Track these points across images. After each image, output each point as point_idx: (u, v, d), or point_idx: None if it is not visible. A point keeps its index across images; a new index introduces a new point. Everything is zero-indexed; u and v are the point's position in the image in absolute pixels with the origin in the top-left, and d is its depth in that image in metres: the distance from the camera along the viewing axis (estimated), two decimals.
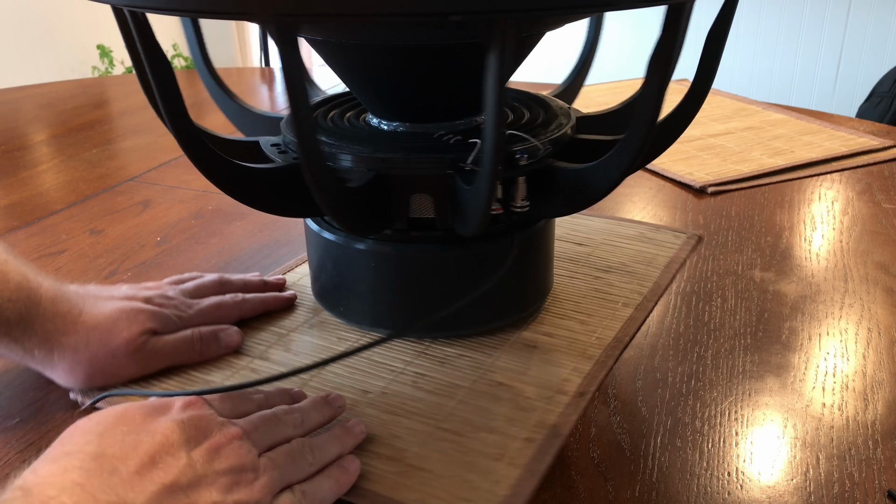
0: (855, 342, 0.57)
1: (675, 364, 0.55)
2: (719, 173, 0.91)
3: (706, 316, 0.61)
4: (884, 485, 0.43)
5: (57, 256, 0.74)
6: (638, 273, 0.65)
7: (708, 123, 1.12)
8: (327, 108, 0.58)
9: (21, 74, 2.51)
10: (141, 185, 0.93)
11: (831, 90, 2.51)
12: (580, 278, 0.64)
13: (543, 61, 1.42)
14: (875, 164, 0.94)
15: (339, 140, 0.50)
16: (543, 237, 0.56)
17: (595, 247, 0.70)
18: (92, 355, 0.50)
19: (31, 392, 0.53)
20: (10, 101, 1.37)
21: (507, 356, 0.54)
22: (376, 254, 0.52)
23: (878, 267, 0.69)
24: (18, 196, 0.90)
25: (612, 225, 0.75)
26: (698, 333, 0.59)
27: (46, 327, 0.50)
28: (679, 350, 0.57)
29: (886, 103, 1.85)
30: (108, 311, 0.52)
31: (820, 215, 0.80)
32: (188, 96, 0.44)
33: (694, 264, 0.69)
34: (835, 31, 2.45)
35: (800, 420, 0.49)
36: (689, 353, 0.57)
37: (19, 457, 0.47)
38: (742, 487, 0.44)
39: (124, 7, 0.39)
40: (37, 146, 1.11)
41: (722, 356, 0.56)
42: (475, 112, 0.54)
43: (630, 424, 0.49)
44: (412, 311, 0.55)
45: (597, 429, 0.48)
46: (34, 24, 2.62)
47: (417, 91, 0.51)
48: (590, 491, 0.43)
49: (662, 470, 0.45)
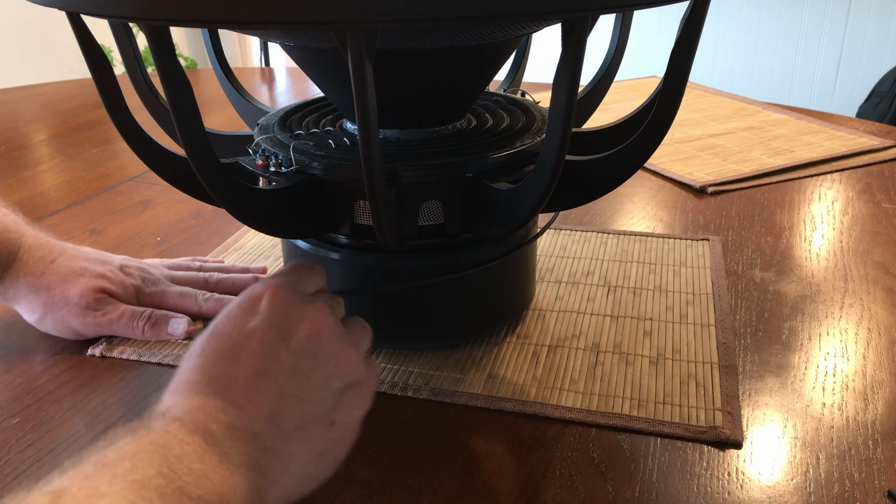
0: (855, 342, 0.57)
1: None
2: (719, 173, 0.91)
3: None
4: (884, 485, 0.43)
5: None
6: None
7: (708, 123, 1.12)
8: (301, 114, 0.58)
9: (21, 74, 2.51)
10: (141, 185, 0.93)
11: (831, 90, 2.52)
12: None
13: (543, 61, 1.42)
14: (875, 164, 0.94)
15: (335, 150, 0.50)
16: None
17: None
18: (48, 298, 0.56)
19: (31, 392, 0.53)
20: (10, 101, 1.37)
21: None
22: (352, 263, 0.52)
23: (878, 267, 0.69)
24: (18, 196, 0.90)
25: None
26: None
27: (18, 268, 0.56)
28: None
29: (886, 103, 1.85)
30: (77, 265, 0.57)
31: (820, 215, 0.80)
32: None
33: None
34: (835, 31, 2.45)
35: (800, 420, 0.49)
36: None
37: (19, 457, 0.47)
38: (742, 487, 0.44)
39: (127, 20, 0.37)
40: (37, 146, 1.11)
41: None
42: (455, 118, 0.53)
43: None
44: (389, 323, 0.54)
45: (597, 429, 0.48)
46: (34, 24, 2.62)
47: (407, 97, 0.50)
48: (590, 491, 0.43)
49: (662, 470, 0.45)
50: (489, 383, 0.53)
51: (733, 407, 0.50)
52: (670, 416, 0.49)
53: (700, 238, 0.74)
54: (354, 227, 0.49)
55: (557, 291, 0.65)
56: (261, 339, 0.37)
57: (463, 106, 0.54)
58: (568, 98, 0.37)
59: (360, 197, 0.48)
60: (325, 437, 0.38)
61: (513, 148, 0.49)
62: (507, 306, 0.58)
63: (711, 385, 0.52)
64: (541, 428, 0.48)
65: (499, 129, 0.54)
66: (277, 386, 0.36)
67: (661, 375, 0.53)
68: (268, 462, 0.34)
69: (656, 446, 0.47)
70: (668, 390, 0.52)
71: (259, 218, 0.45)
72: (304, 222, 0.48)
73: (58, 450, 0.47)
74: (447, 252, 0.51)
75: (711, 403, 0.50)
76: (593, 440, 0.47)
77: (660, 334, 0.59)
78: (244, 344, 0.37)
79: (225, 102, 0.75)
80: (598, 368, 0.54)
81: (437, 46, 0.44)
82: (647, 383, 0.52)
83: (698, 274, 0.68)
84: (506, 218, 0.46)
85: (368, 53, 0.33)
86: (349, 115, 0.54)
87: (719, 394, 0.51)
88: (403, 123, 0.52)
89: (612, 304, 0.63)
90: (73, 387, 0.53)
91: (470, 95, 0.53)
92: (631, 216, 0.81)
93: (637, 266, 0.69)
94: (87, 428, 0.49)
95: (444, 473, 0.45)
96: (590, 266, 0.69)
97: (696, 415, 0.49)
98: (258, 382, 0.36)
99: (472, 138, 0.51)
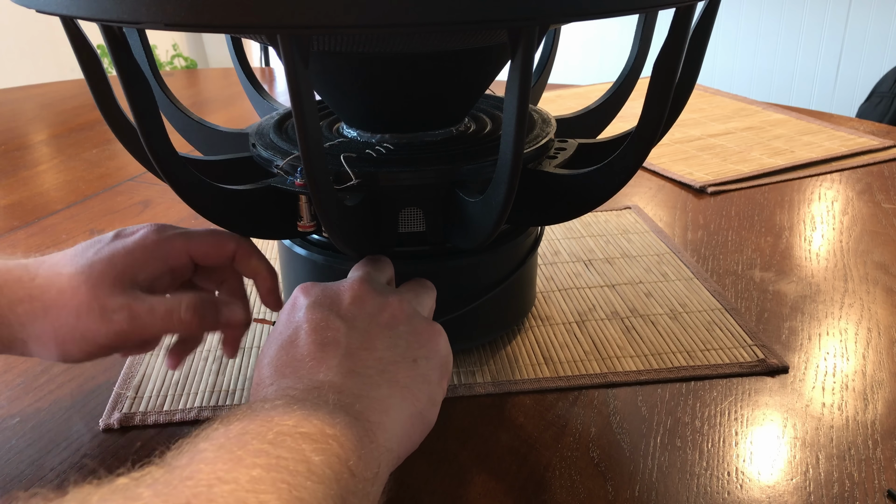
0: (855, 342, 0.57)
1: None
2: (719, 173, 0.91)
3: None
4: (883, 485, 0.43)
5: None
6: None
7: (708, 123, 1.12)
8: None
9: (21, 74, 2.52)
10: (141, 185, 0.93)
11: (831, 90, 2.51)
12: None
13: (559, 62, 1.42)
14: (875, 164, 0.94)
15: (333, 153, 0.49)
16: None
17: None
18: (56, 320, 0.41)
19: (31, 392, 0.53)
20: (10, 101, 1.37)
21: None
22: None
23: (878, 267, 0.69)
24: (18, 196, 0.90)
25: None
26: None
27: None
28: None
29: (886, 103, 1.85)
30: (70, 262, 0.43)
31: (820, 215, 0.80)
32: (188, 96, 0.44)
33: (694, 264, 0.69)
34: (835, 31, 2.45)
35: (799, 420, 0.49)
36: None
37: (19, 457, 0.47)
38: (742, 487, 0.44)
39: (114, 24, 0.38)
40: (37, 146, 1.11)
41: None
42: (452, 123, 0.53)
43: (630, 424, 0.49)
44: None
45: (597, 429, 0.48)
46: (34, 24, 2.62)
47: (406, 101, 0.50)
48: (590, 491, 0.43)
49: (662, 470, 0.45)
50: (497, 374, 0.53)
51: (762, 340, 0.57)
52: (719, 359, 0.55)
53: (622, 207, 0.82)
54: (399, 236, 0.49)
55: (542, 273, 0.68)
56: (310, 318, 0.39)
57: (453, 112, 0.53)
58: (519, 111, 0.36)
59: (406, 205, 0.48)
60: (412, 374, 0.38)
61: (485, 159, 0.48)
62: (517, 310, 0.58)
63: (732, 326, 0.59)
64: (541, 427, 0.49)
65: (493, 136, 0.53)
66: (342, 347, 0.37)
67: (687, 327, 0.59)
68: (363, 407, 0.34)
69: (656, 446, 0.47)
70: (702, 338, 0.57)
71: (338, 238, 0.44)
72: (366, 236, 0.48)
73: (57, 449, 0.47)
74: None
75: (744, 341, 0.57)
76: (593, 440, 0.47)
77: (658, 294, 0.64)
78: (298, 330, 0.38)
79: (225, 102, 0.75)
80: (633, 332, 0.59)
81: (412, 52, 0.44)
82: (680, 336, 0.58)
83: (646, 238, 0.74)
84: (472, 230, 0.46)
85: (303, 56, 0.34)
86: (346, 120, 0.54)
87: (744, 333, 0.58)
88: (391, 128, 0.51)
89: (599, 276, 0.67)
90: (72, 387, 0.53)
91: (458, 102, 0.52)
92: (631, 216, 0.81)
93: (592, 240, 0.75)
94: (87, 428, 0.49)
95: (444, 473, 0.45)
96: (552, 246, 0.74)
97: (739, 354, 0.55)
98: (322, 352, 0.37)
99: (458, 145, 0.51)
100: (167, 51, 3.22)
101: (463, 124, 0.54)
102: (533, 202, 0.48)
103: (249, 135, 0.54)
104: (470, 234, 0.46)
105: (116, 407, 0.51)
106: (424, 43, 0.41)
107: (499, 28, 0.38)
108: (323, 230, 0.47)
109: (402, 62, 0.45)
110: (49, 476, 0.45)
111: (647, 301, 0.63)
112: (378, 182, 0.46)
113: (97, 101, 0.44)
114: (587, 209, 0.48)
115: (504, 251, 0.53)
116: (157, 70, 0.56)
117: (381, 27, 0.31)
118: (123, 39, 0.39)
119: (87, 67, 0.42)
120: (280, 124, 0.56)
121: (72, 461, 0.46)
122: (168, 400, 0.52)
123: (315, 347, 0.37)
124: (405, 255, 0.50)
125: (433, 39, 0.41)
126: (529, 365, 0.55)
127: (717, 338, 0.57)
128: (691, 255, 0.71)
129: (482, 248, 0.50)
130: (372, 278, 0.43)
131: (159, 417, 0.50)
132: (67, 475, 0.45)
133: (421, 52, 0.44)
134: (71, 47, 0.41)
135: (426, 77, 0.47)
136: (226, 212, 0.46)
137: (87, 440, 0.48)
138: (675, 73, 0.41)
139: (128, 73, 0.39)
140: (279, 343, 0.38)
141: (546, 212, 0.49)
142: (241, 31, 0.41)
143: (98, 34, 0.39)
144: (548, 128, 0.53)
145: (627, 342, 0.57)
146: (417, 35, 0.40)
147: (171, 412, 0.50)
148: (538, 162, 0.50)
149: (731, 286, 0.65)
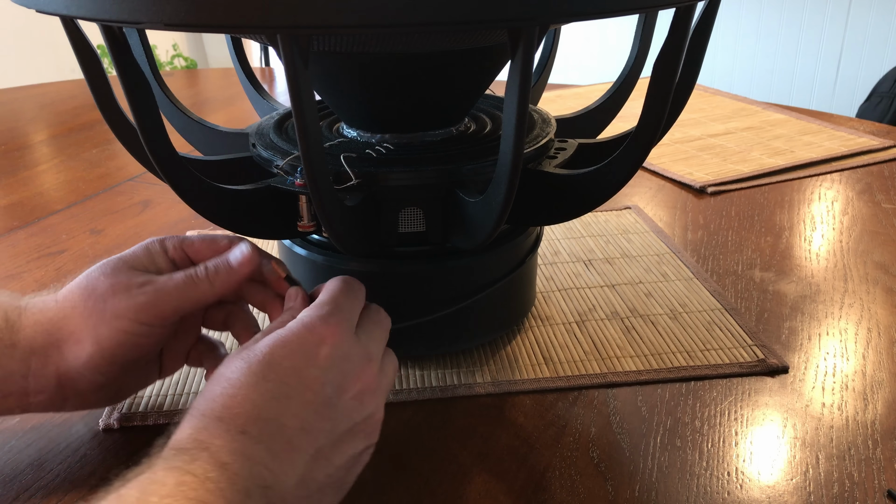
0: (855, 342, 0.57)
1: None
2: (719, 173, 0.91)
3: None
4: (883, 485, 0.43)
5: (57, 256, 0.74)
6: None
7: (708, 123, 1.12)
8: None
9: (21, 74, 2.52)
10: (141, 185, 0.93)
11: (831, 90, 2.51)
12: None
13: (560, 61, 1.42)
14: (875, 164, 0.94)
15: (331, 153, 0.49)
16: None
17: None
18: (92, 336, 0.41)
19: None
20: (10, 101, 1.37)
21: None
22: (366, 273, 0.51)
23: (878, 267, 0.69)
24: (18, 196, 0.90)
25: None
26: None
27: (30, 341, 0.41)
28: None
29: (886, 103, 1.85)
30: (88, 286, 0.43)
31: (820, 215, 0.80)
32: (188, 96, 0.44)
33: (694, 264, 0.69)
34: (835, 31, 2.45)
35: (799, 420, 0.49)
36: None
37: (19, 457, 0.47)
38: (742, 487, 0.44)
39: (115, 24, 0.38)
40: (37, 146, 1.11)
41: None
42: (452, 123, 0.53)
43: (630, 424, 0.49)
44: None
45: (597, 429, 0.48)
46: (34, 24, 2.62)
47: (406, 101, 0.50)
48: (590, 491, 0.43)
49: (662, 470, 0.45)
50: (497, 374, 0.53)
51: (762, 340, 0.57)
52: (719, 359, 0.55)
53: (622, 207, 0.82)
54: (399, 235, 0.49)
55: (541, 273, 0.68)
56: (317, 392, 0.37)
57: (453, 112, 0.53)
58: (519, 111, 0.36)
59: (406, 205, 0.47)
60: (333, 499, 0.38)
61: (485, 159, 0.48)
62: (517, 310, 0.58)
63: (732, 326, 0.59)
64: (541, 427, 0.49)
65: (493, 136, 0.53)
66: (315, 446, 0.36)
67: (687, 327, 0.59)
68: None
69: (656, 446, 0.47)
70: (702, 338, 0.57)
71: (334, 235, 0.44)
72: (367, 236, 0.47)
73: (57, 449, 0.47)
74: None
75: (744, 341, 0.57)
76: (593, 440, 0.47)
77: (658, 294, 0.64)
78: (301, 393, 0.36)
79: (225, 102, 0.75)
80: (633, 333, 0.58)
81: (412, 52, 0.43)
82: (680, 336, 0.58)
83: (646, 238, 0.74)
84: (472, 230, 0.46)
85: (302, 56, 0.34)
86: (346, 120, 0.54)
87: (744, 333, 0.58)
88: (391, 128, 0.51)
89: (599, 276, 0.67)
90: None
91: (458, 102, 0.52)
92: (631, 216, 0.81)
93: (592, 240, 0.75)
94: (87, 428, 0.49)
95: (443, 473, 0.45)
96: (552, 246, 0.74)
97: (739, 354, 0.55)
98: (301, 439, 0.36)
99: (458, 145, 0.51)
100: (167, 51, 3.22)
101: (463, 124, 0.55)
102: (533, 202, 0.48)
103: (249, 135, 0.54)
104: (470, 234, 0.46)
105: (116, 407, 0.51)
106: (424, 43, 0.41)
107: (499, 28, 0.38)
108: (323, 230, 0.47)
109: (402, 62, 0.45)
110: (48, 476, 0.45)
111: (647, 301, 0.63)
112: (378, 182, 0.46)
113: (97, 102, 0.44)
114: (587, 209, 0.48)
115: (504, 251, 0.53)
116: (157, 70, 0.56)
117: (381, 27, 0.31)
118: (123, 39, 0.39)
119: (87, 67, 0.42)
120: (280, 124, 0.56)
121: (71, 461, 0.46)
122: (168, 400, 0.52)
123: (299, 428, 0.36)
124: (405, 255, 0.51)
125: (433, 40, 0.41)
126: (529, 365, 0.55)
127: (716, 338, 0.57)
128: (691, 255, 0.71)
129: (482, 248, 0.50)
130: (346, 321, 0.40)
131: (159, 418, 0.50)
132: (67, 475, 0.45)
133: (421, 52, 0.44)
134: (71, 47, 0.41)
135: (426, 77, 0.47)
136: (226, 212, 0.46)
137: (86, 440, 0.48)
138: (675, 73, 0.41)
139: (128, 73, 0.39)
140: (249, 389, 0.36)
141: (546, 212, 0.49)
142: (240, 31, 0.41)
143: (98, 34, 0.39)
144: (548, 128, 0.53)
145: (627, 342, 0.57)
146: (417, 35, 0.40)
147: (170, 412, 0.50)
148: (538, 162, 0.50)
149: (731, 286, 0.65)
